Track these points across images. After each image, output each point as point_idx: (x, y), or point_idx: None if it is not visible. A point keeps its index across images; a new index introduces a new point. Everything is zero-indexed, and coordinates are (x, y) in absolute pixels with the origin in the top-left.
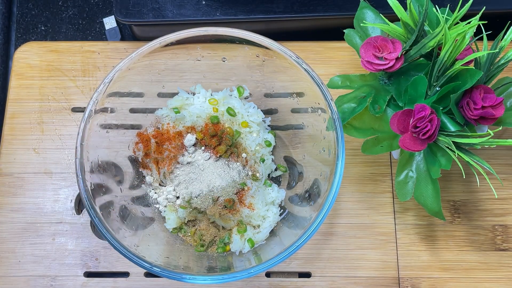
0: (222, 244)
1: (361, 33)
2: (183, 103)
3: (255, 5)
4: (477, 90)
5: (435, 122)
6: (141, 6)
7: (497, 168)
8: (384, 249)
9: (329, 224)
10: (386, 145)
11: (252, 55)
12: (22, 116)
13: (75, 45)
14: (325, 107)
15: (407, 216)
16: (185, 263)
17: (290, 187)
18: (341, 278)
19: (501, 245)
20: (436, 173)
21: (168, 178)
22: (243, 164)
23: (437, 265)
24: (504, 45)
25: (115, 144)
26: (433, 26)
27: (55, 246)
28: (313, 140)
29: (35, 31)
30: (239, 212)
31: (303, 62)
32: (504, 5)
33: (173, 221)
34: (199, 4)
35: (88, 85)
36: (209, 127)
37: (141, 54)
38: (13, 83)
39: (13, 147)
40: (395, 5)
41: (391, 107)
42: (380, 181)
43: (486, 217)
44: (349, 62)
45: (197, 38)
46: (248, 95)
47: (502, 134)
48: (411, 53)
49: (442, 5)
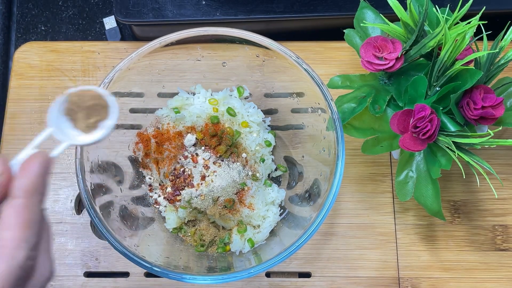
0: (222, 244)
1: (361, 33)
2: (183, 103)
3: (255, 5)
4: (477, 90)
5: (435, 122)
6: (141, 6)
7: (497, 168)
8: (384, 249)
9: (329, 224)
10: (386, 145)
11: (252, 55)
12: (22, 116)
13: (75, 45)
14: (325, 107)
15: (407, 216)
16: (185, 263)
17: (290, 187)
18: (341, 278)
19: (501, 245)
20: (436, 173)
21: (168, 178)
22: (243, 164)
23: (437, 265)
24: (504, 45)
25: (115, 144)
26: (433, 26)
27: (55, 246)
28: (313, 140)
29: (35, 31)
30: (239, 212)
31: (303, 62)
32: (504, 5)
33: (173, 221)
34: (199, 4)
35: (88, 85)
36: (209, 127)
37: (141, 54)
38: (13, 83)
39: (13, 147)
40: (395, 5)
41: (391, 107)
42: (380, 181)
43: (486, 217)
44: (349, 62)
45: (197, 38)
46: (248, 95)
47: (502, 134)
48: (411, 53)
49: (442, 5)
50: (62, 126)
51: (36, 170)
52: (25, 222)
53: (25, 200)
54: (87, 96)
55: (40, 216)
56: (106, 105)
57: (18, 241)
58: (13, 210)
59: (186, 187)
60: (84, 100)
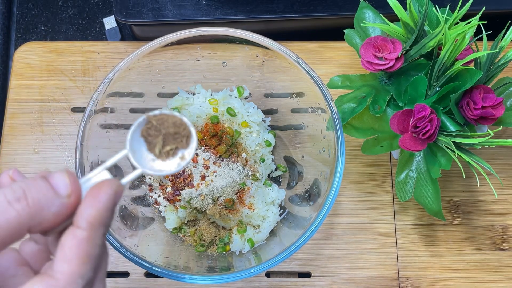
0: (222, 244)
1: (361, 33)
2: (183, 103)
3: (255, 5)
4: (477, 90)
5: (435, 122)
6: (141, 6)
7: (497, 168)
8: (384, 249)
9: (329, 224)
10: (386, 145)
11: (252, 55)
12: (22, 116)
13: (75, 45)
14: (325, 107)
15: (407, 216)
16: (185, 263)
17: (290, 187)
18: (341, 278)
19: (501, 245)
20: (436, 173)
21: (168, 178)
22: (243, 164)
23: (437, 265)
24: (504, 45)
25: (115, 144)
26: (433, 26)
27: None
28: (313, 140)
29: (35, 31)
30: (239, 212)
31: (303, 62)
32: (504, 5)
33: (173, 221)
34: (199, 4)
35: (88, 85)
36: (209, 127)
37: (141, 54)
38: (13, 83)
39: (13, 147)
40: (395, 5)
41: (391, 107)
42: (380, 181)
43: (486, 217)
44: (349, 62)
45: (197, 38)
46: (248, 95)
47: (502, 134)
48: (411, 53)
49: (442, 5)
50: (136, 148)
51: (105, 202)
52: (85, 256)
53: (88, 233)
54: (167, 122)
55: (101, 250)
56: (185, 134)
57: (75, 276)
58: (75, 242)
59: (186, 187)
60: (164, 126)
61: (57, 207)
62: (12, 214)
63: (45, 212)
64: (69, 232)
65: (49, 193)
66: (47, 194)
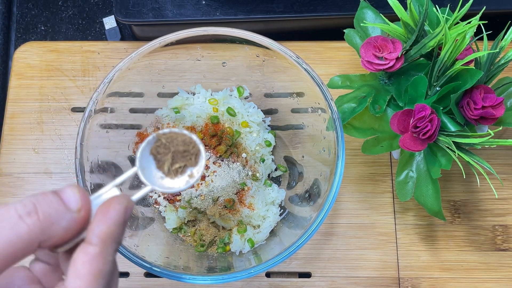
0: (222, 244)
1: (361, 33)
2: (183, 103)
3: (255, 5)
4: (477, 90)
5: (435, 122)
6: (141, 6)
7: (497, 168)
8: (384, 249)
9: (329, 224)
10: (386, 145)
11: (252, 55)
12: (22, 116)
13: (75, 45)
14: (325, 107)
15: (407, 216)
16: (185, 263)
17: (290, 187)
18: (341, 278)
19: (501, 245)
20: (436, 173)
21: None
22: (243, 164)
23: (437, 265)
24: (504, 45)
25: (115, 144)
26: (433, 26)
27: None
28: (313, 140)
29: (35, 31)
30: (239, 212)
31: (303, 62)
32: (504, 5)
33: (173, 221)
34: (199, 4)
35: (88, 85)
36: (209, 127)
37: (141, 54)
38: (13, 83)
39: (13, 147)
40: (395, 5)
41: (391, 107)
42: (380, 181)
43: (486, 217)
44: (349, 62)
45: (197, 38)
46: (248, 95)
47: (502, 134)
48: (411, 53)
49: (442, 5)
50: (146, 165)
51: (115, 218)
52: (97, 273)
53: (100, 249)
54: (176, 140)
55: (112, 266)
56: (194, 152)
57: None
58: (87, 259)
59: None
60: (173, 144)
61: (68, 222)
62: (23, 228)
63: (55, 226)
64: (81, 248)
65: (60, 208)
66: (58, 209)
